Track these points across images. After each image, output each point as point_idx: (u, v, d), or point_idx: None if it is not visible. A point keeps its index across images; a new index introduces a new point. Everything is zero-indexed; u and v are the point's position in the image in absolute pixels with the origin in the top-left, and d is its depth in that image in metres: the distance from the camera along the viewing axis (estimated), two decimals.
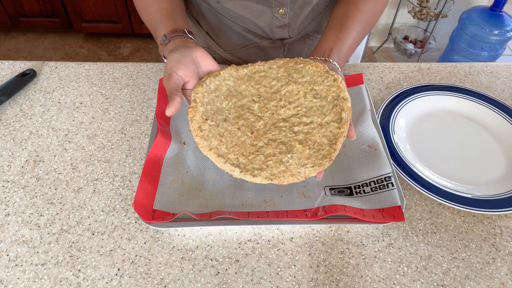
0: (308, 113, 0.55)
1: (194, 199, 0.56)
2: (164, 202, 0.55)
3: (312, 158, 0.50)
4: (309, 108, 0.56)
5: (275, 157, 0.51)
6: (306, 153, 0.51)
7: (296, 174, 0.49)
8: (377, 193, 0.56)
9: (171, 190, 0.56)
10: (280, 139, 0.53)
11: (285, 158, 0.51)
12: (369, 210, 0.54)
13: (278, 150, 0.52)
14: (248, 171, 0.50)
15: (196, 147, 0.63)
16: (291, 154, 0.51)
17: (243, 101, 0.57)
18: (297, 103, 0.56)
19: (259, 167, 0.50)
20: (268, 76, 0.60)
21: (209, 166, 0.61)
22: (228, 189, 0.58)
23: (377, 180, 0.57)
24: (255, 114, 0.56)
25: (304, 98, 0.57)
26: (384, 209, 0.54)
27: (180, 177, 0.58)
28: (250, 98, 0.58)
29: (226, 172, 0.60)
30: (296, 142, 0.52)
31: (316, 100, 0.56)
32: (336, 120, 0.53)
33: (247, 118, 0.55)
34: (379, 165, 0.58)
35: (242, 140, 0.53)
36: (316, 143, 0.52)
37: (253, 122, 0.55)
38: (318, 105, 0.55)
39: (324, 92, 0.56)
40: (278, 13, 0.69)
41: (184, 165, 0.60)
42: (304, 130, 0.53)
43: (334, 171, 0.60)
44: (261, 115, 0.56)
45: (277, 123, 0.55)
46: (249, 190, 0.58)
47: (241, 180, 0.59)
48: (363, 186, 0.57)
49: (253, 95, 0.58)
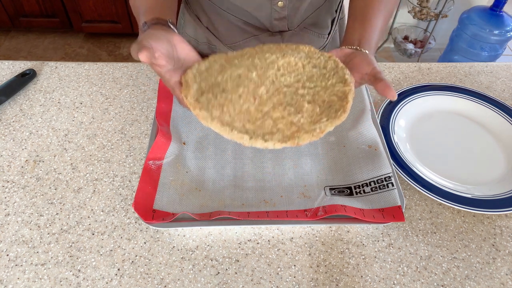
0: (310, 79, 0.52)
1: (194, 199, 0.56)
2: (164, 202, 0.55)
3: (325, 113, 0.48)
4: (310, 76, 0.53)
5: (284, 119, 0.47)
6: (317, 111, 0.48)
7: (311, 130, 0.46)
8: (377, 193, 0.56)
9: (171, 190, 0.56)
10: (286, 102, 0.49)
11: (296, 119, 0.47)
12: (369, 210, 0.54)
13: (287, 112, 0.48)
14: (259, 136, 0.46)
15: (196, 147, 0.63)
16: (301, 114, 0.48)
17: (239, 71, 0.52)
18: (297, 72, 0.53)
19: (269, 131, 0.46)
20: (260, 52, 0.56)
21: (209, 166, 0.61)
22: (228, 189, 0.58)
23: (377, 180, 0.57)
24: (254, 81, 0.51)
25: (303, 68, 0.53)
26: (384, 209, 0.54)
27: (180, 177, 0.58)
28: (246, 68, 0.53)
29: (225, 172, 0.60)
30: (304, 102, 0.49)
31: (316, 70, 0.53)
32: (340, 81, 0.50)
33: (247, 85, 0.51)
34: (379, 165, 0.58)
35: (246, 107, 0.49)
36: (326, 102, 0.49)
37: (255, 89, 0.50)
38: (318, 73, 0.53)
39: (322, 64, 0.54)
40: (277, 5, 0.70)
41: (184, 165, 0.60)
42: (310, 92, 0.50)
43: (334, 171, 0.60)
44: (261, 81, 0.51)
45: (280, 89, 0.51)
46: (249, 190, 0.58)
47: (241, 180, 0.59)
48: (363, 186, 0.57)
49: (248, 66, 0.53)
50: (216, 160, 0.62)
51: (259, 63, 0.54)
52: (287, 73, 0.53)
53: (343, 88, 0.49)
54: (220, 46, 0.81)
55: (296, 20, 0.74)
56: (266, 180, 0.59)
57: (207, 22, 0.79)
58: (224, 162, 0.61)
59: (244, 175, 0.60)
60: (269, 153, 0.63)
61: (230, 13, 0.74)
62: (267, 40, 0.77)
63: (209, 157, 0.62)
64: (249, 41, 0.78)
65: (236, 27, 0.76)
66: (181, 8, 0.88)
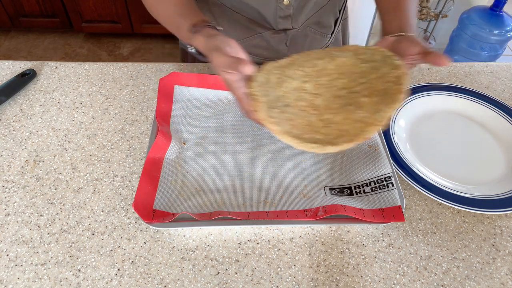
0: (362, 75, 0.54)
1: (194, 199, 0.56)
2: (164, 202, 0.55)
3: (383, 101, 0.49)
4: (361, 72, 0.54)
5: (348, 120, 0.49)
6: (375, 101, 0.49)
7: (375, 121, 0.47)
8: (377, 193, 0.56)
9: (171, 190, 0.56)
10: (345, 103, 0.51)
11: (358, 116, 0.49)
12: (369, 210, 0.54)
13: (348, 112, 0.50)
14: (329, 143, 0.48)
15: (196, 147, 0.63)
16: (362, 109, 0.49)
17: (294, 84, 0.55)
18: (349, 72, 0.55)
19: (337, 135, 0.48)
20: (308, 60, 0.58)
21: (209, 166, 0.61)
22: (228, 189, 0.58)
23: (377, 180, 0.57)
24: (310, 93, 0.54)
25: (353, 67, 0.55)
26: (384, 209, 0.54)
27: (180, 177, 0.58)
28: (300, 80, 0.56)
29: (225, 172, 0.60)
30: (361, 97, 0.51)
31: (366, 64, 0.55)
32: (392, 68, 0.51)
33: (305, 98, 0.53)
34: (379, 165, 0.58)
35: (309, 119, 0.51)
36: (381, 90, 0.50)
37: (313, 100, 0.53)
38: (368, 66, 0.54)
39: (370, 57, 0.55)
40: (282, 3, 0.70)
41: (184, 165, 0.60)
42: (365, 87, 0.52)
43: (334, 171, 0.60)
44: (317, 92, 0.54)
45: (336, 93, 0.53)
46: (249, 190, 0.58)
47: (241, 180, 0.59)
48: (363, 186, 0.57)
49: (301, 77, 0.56)
50: (216, 160, 0.62)
51: (311, 72, 0.56)
52: (340, 76, 0.55)
53: (395, 73, 0.50)
54: None
55: (300, 18, 0.75)
56: (266, 180, 0.59)
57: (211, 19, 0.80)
58: (224, 162, 0.61)
59: (244, 175, 0.60)
60: (269, 153, 0.63)
61: (234, 10, 0.74)
62: (271, 38, 0.77)
63: (209, 157, 0.62)
64: (253, 39, 0.78)
65: (240, 25, 0.77)
66: None
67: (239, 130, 0.66)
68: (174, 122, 0.65)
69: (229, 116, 0.69)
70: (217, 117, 0.68)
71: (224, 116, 0.68)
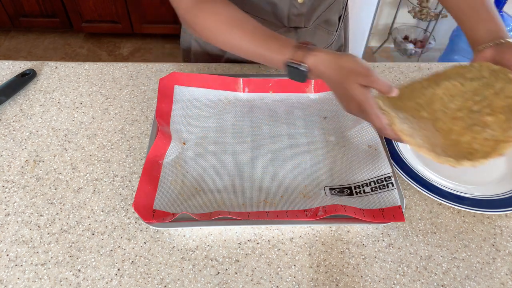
0: (475, 93, 0.54)
1: (194, 199, 0.56)
2: (164, 202, 0.55)
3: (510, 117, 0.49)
4: (473, 90, 0.54)
5: (476, 139, 0.50)
6: (502, 118, 0.49)
7: (507, 138, 0.48)
8: (377, 193, 0.56)
9: (171, 190, 0.56)
10: (468, 124, 0.52)
11: (487, 134, 0.50)
12: (369, 210, 0.54)
13: (475, 132, 0.51)
14: (465, 157, 0.48)
15: (196, 147, 0.63)
16: (489, 128, 0.50)
17: (408, 114, 0.56)
18: (460, 93, 0.56)
19: (468, 152, 0.49)
20: (415, 88, 0.59)
21: (209, 166, 0.61)
22: (228, 189, 0.58)
23: (377, 180, 0.57)
24: (428, 119, 0.55)
25: (462, 86, 0.56)
26: (384, 209, 0.54)
27: (180, 177, 0.58)
28: (414, 109, 0.57)
29: (225, 172, 0.60)
30: (485, 116, 0.51)
31: (475, 82, 0.55)
32: (507, 82, 0.51)
33: (426, 124, 0.55)
34: (379, 165, 0.58)
35: (435, 140, 0.52)
36: (505, 106, 0.50)
37: (434, 125, 0.54)
38: (480, 84, 0.54)
39: (478, 74, 0.55)
40: (297, 1, 0.70)
41: (184, 165, 0.60)
42: (484, 104, 0.52)
43: (334, 171, 0.60)
44: (434, 117, 0.55)
45: (454, 115, 0.54)
46: (249, 190, 0.58)
47: (241, 180, 0.59)
48: (363, 186, 0.57)
49: (414, 107, 0.57)
50: (216, 160, 0.62)
51: (421, 102, 0.57)
52: (452, 98, 0.56)
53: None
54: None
55: (312, 17, 0.75)
56: (266, 180, 0.59)
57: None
58: (224, 162, 0.61)
59: (244, 175, 0.60)
60: (269, 153, 0.63)
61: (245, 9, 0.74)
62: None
63: (209, 157, 0.62)
64: None
65: None
66: None
67: (239, 130, 0.66)
68: (174, 122, 0.65)
69: (229, 116, 0.69)
70: (217, 117, 0.68)
71: (224, 116, 0.68)
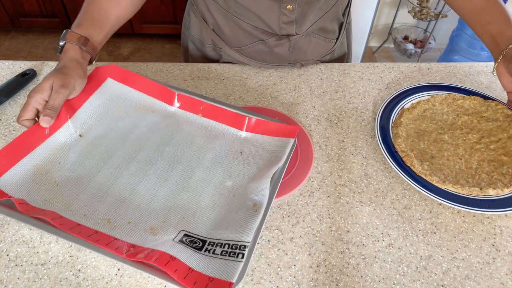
0: (491, 133, 0.65)
1: (43, 191, 0.53)
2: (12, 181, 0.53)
3: None
4: (489, 130, 0.65)
5: (494, 172, 0.60)
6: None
7: None
8: (223, 259, 0.47)
9: (28, 174, 0.54)
10: (486, 158, 0.62)
11: (504, 171, 0.60)
12: (197, 274, 0.46)
13: (493, 167, 0.60)
14: (489, 185, 0.57)
15: (88, 143, 0.60)
16: (506, 166, 0.60)
17: (432, 136, 0.65)
18: (477, 128, 0.66)
19: (488, 182, 0.58)
20: (436, 112, 0.69)
21: (86, 165, 0.57)
22: (83, 194, 0.54)
23: (232, 245, 0.49)
24: (450, 143, 0.64)
25: (479, 124, 0.67)
26: (215, 279, 0.45)
27: (47, 166, 0.56)
28: (436, 132, 0.66)
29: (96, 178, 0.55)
30: (501, 156, 0.61)
31: (490, 123, 0.66)
32: None
33: (447, 148, 0.63)
34: (245, 229, 0.50)
35: (458, 167, 0.61)
36: None
37: (455, 150, 0.63)
38: (495, 126, 0.66)
39: (493, 116, 0.67)
40: (286, 9, 0.70)
41: (63, 156, 0.57)
42: (500, 146, 0.63)
43: (204, 218, 0.53)
44: (455, 142, 0.64)
45: (473, 146, 0.63)
46: (103, 204, 0.53)
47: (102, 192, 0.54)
48: (217, 245, 0.49)
49: (437, 129, 0.66)
50: (96, 162, 0.58)
51: (443, 125, 0.67)
52: (470, 130, 0.66)
53: None
54: (226, 49, 0.80)
55: (304, 24, 0.74)
56: (129, 199, 0.54)
57: (213, 24, 0.79)
58: (102, 167, 0.57)
59: (112, 187, 0.55)
60: (154, 175, 0.57)
61: (237, 16, 0.73)
62: (274, 44, 0.76)
63: (91, 156, 0.58)
64: (256, 45, 0.77)
65: (243, 31, 0.76)
66: (187, 8, 0.87)
67: (142, 141, 0.61)
68: (83, 111, 0.62)
69: (143, 123, 0.64)
70: (131, 120, 0.64)
71: (138, 122, 0.64)
